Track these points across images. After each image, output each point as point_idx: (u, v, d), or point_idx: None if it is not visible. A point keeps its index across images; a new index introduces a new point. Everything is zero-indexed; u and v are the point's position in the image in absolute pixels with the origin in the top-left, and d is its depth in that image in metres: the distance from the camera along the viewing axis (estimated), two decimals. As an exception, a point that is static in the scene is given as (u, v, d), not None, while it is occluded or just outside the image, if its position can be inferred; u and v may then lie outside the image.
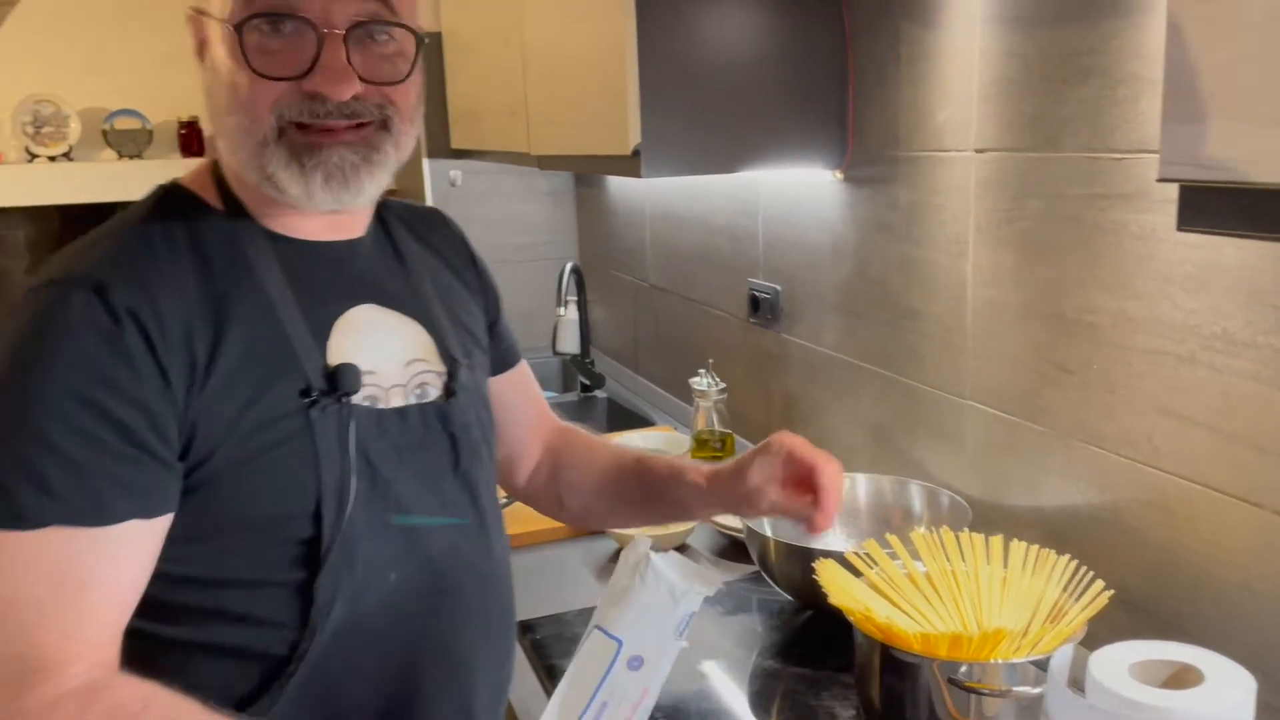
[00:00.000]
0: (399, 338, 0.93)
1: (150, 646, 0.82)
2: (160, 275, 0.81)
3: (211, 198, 0.88)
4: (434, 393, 0.93)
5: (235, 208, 0.88)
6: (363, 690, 0.87)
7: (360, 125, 0.84)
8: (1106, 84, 1.04)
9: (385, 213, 1.00)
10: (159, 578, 0.81)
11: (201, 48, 0.88)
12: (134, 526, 0.78)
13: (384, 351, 0.91)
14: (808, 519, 0.95)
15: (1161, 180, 0.58)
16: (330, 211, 0.88)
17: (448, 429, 0.92)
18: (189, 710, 0.75)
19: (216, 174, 0.89)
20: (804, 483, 0.95)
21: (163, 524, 0.80)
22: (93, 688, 0.75)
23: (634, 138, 1.41)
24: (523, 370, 1.18)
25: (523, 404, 1.16)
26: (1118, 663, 0.73)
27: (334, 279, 0.91)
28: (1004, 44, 1.17)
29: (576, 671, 0.89)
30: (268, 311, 0.85)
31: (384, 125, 0.86)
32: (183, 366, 0.79)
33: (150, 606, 0.81)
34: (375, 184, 0.87)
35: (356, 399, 0.86)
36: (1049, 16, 1.11)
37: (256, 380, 0.82)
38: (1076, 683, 0.74)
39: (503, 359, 1.12)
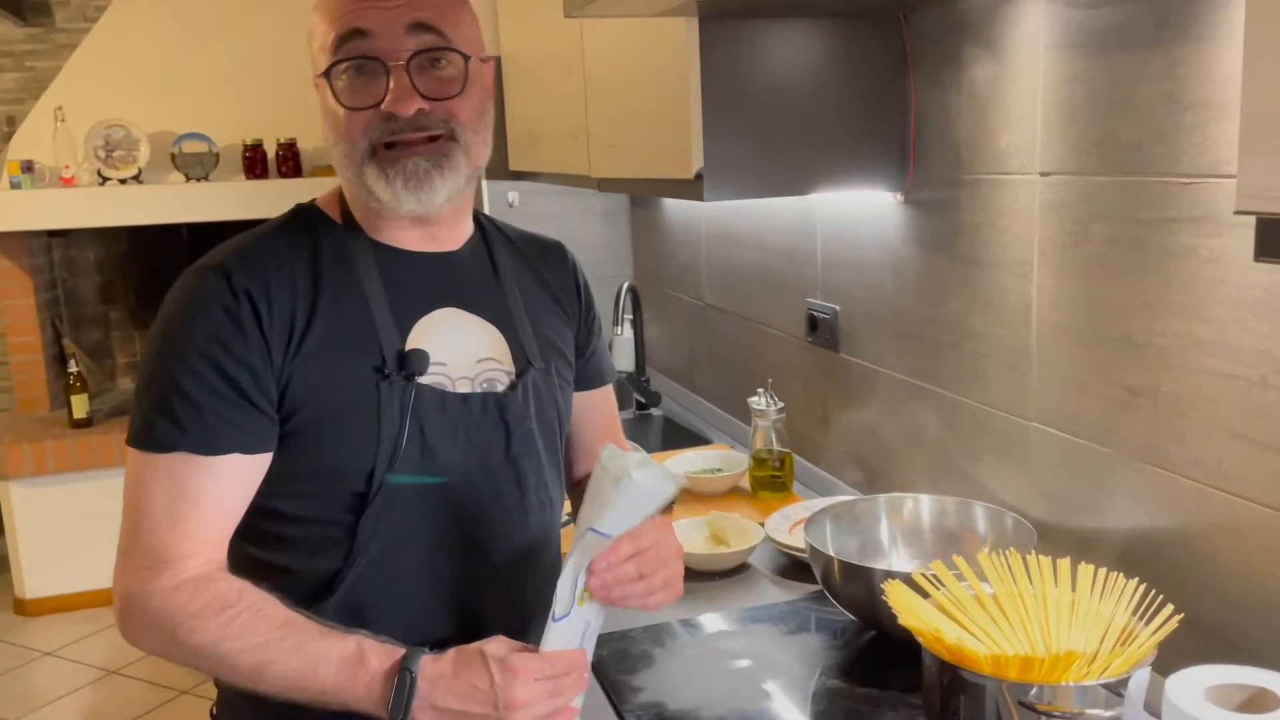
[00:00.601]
0: (475, 338, 1.10)
1: (235, 559, 1.02)
2: (277, 268, 1.02)
3: (335, 214, 1.09)
4: (500, 388, 1.10)
5: (351, 223, 1.08)
6: (385, 621, 1.01)
7: (432, 138, 1.01)
8: (1174, 109, 1.04)
9: (491, 234, 1.18)
10: (252, 506, 1.02)
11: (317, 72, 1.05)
12: (237, 459, 0.99)
13: (459, 347, 1.08)
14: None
15: (1239, 213, 0.59)
16: (425, 224, 1.07)
17: (504, 417, 1.08)
18: (272, 602, 0.97)
19: (341, 196, 1.10)
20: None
21: (262, 461, 1.01)
22: (204, 579, 0.97)
23: (696, 162, 1.43)
24: (606, 393, 1.32)
25: (596, 418, 1.30)
26: (1194, 686, 0.73)
27: (425, 283, 1.08)
28: (1068, 70, 1.18)
29: (576, 565, 0.98)
30: (360, 303, 1.04)
31: (451, 136, 1.02)
32: (282, 338, 1.00)
33: (241, 527, 1.02)
34: (447, 186, 1.03)
35: (423, 380, 1.04)
36: (1115, 43, 1.12)
37: (339, 355, 1.02)
38: (1151, 707, 0.75)
39: (590, 378, 1.28)
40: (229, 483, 0.99)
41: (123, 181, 3.70)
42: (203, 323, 0.99)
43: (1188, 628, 1.01)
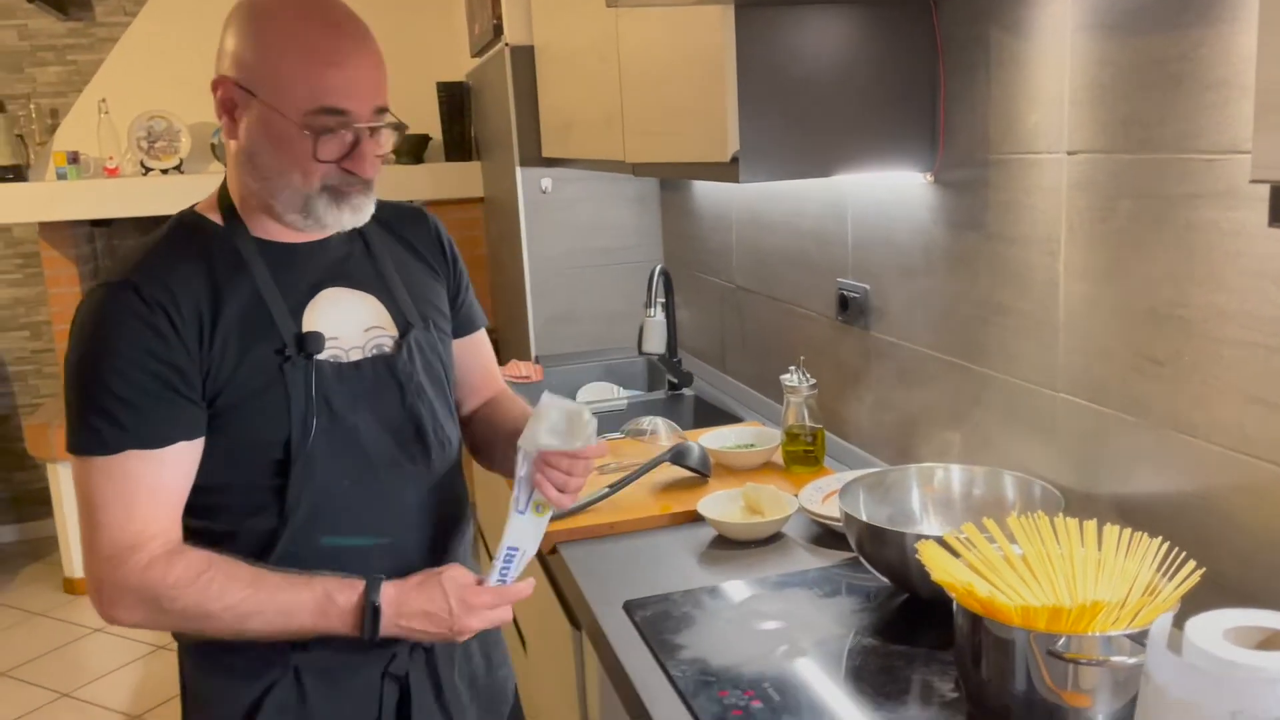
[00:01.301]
0: (359, 310, 1.25)
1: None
2: (175, 274, 1.14)
3: (216, 218, 1.21)
4: (388, 350, 1.25)
5: (233, 224, 1.20)
6: (325, 567, 1.17)
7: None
8: (1196, 89, 1.09)
9: None
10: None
11: (234, 111, 1.15)
12: (180, 447, 1.13)
13: (347, 321, 1.23)
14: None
15: (1254, 181, 0.64)
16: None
17: (395, 376, 1.25)
18: (236, 563, 1.13)
19: (223, 200, 1.22)
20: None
21: (199, 444, 1.15)
22: (170, 554, 1.12)
23: (733, 145, 1.48)
24: (481, 336, 1.48)
25: (475, 360, 1.47)
26: (1212, 627, 0.79)
27: (307, 269, 1.23)
28: (1095, 52, 1.23)
29: (529, 474, 1.23)
30: (254, 294, 1.17)
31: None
32: (194, 335, 1.13)
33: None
34: (371, 209, 1.22)
35: (321, 357, 1.19)
36: (1140, 25, 1.16)
37: (245, 343, 1.15)
38: (1174, 649, 0.80)
39: (464, 326, 1.43)
40: (175, 469, 1.14)
41: (164, 172, 3.79)
42: (125, 334, 1.10)
43: (1208, 584, 1.06)
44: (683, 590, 1.42)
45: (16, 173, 3.75)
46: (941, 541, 1.13)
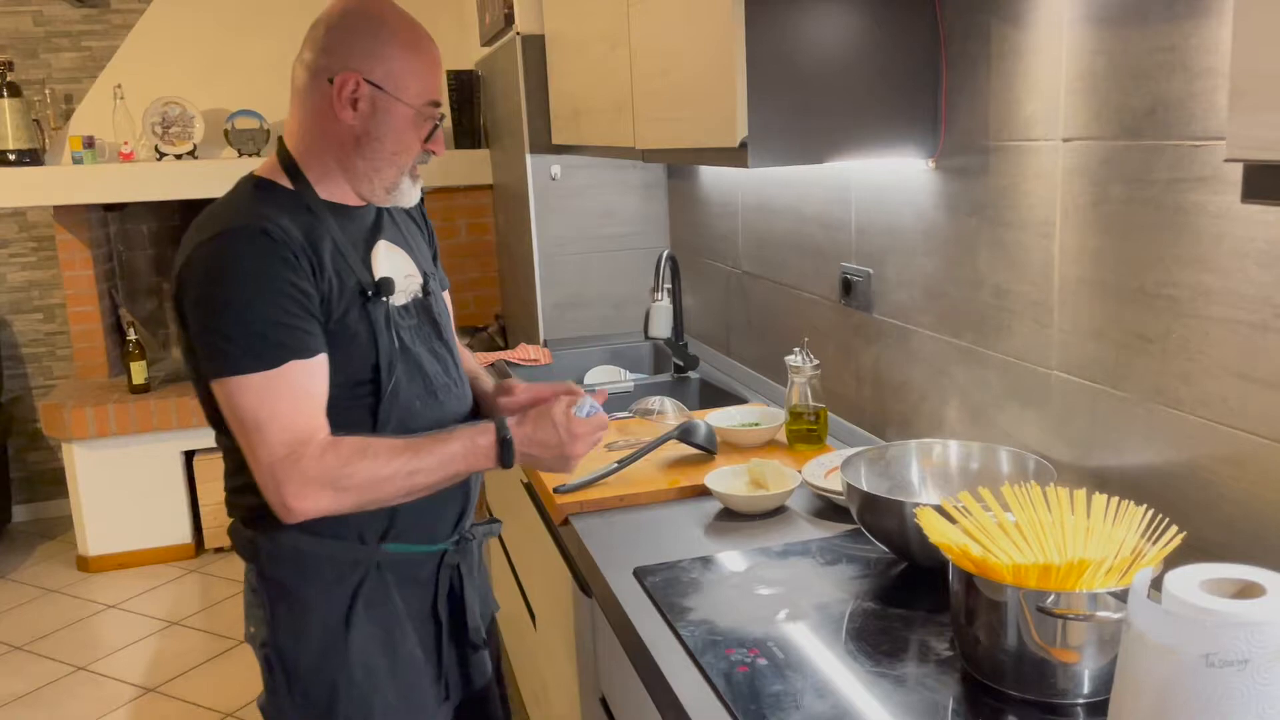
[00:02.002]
0: (400, 260, 1.50)
1: None
2: (282, 220, 1.33)
3: (284, 181, 1.41)
4: (419, 294, 1.51)
5: (301, 185, 1.41)
6: None
7: None
8: (1186, 78, 1.14)
9: None
10: None
11: (356, 103, 1.37)
12: (323, 357, 1.34)
13: (396, 270, 1.47)
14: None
15: (1228, 160, 0.70)
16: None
17: (431, 315, 1.52)
18: (383, 439, 1.35)
19: (287, 165, 1.42)
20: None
21: (326, 357, 1.35)
22: (332, 441, 1.32)
23: (741, 130, 1.54)
24: (448, 296, 1.67)
25: (450, 314, 1.68)
26: (1190, 578, 0.84)
27: (360, 225, 1.46)
28: (1090, 42, 1.28)
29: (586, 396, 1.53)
30: (333, 244, 1.39)
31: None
32: (310, 269, 1.33)
33: None
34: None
35: (390, 299, 1.43)
36: (1132, 17, 1.21)
37: (339, 282, 1.37)
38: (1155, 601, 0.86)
39: (441, 284, 1.64)
40: (321, 375, 1.35)
41: (178, 157, 3.85)
42: (267, 267, 1.30)
43: (1191, 549, 1.12)
44: (690, 558, 1.48)
45: (33, 157, 3.81)
46: (939, 509, 1.19)
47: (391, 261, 1.48)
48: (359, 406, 1.40)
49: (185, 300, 1.32)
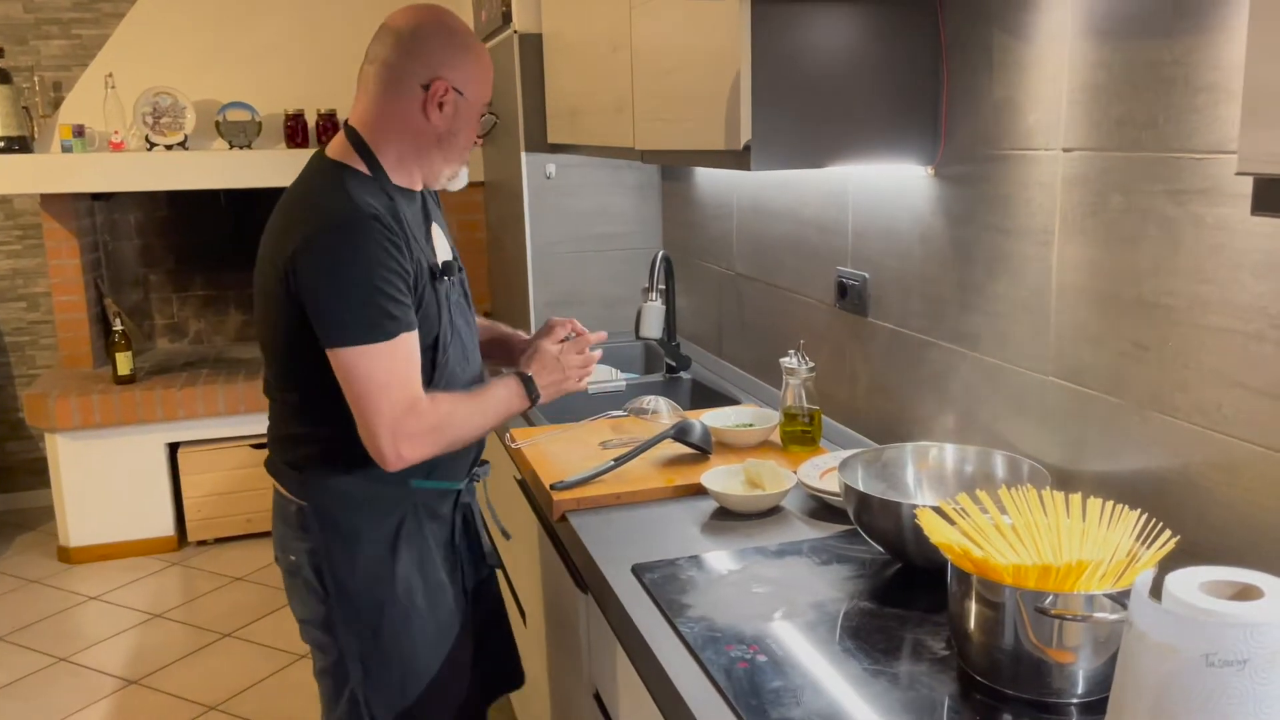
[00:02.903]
0: (444, 241, 1.73)
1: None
2: (379, 208, 1.54)
3: (361, 168, 1.61)
4: (459, 274, 1.74)
5: (376, 171, 1.61)
6: None
7: None
8: (1187, 92, 1.17)
9: None
10: None
11: (441, 105, 1.61)
12: (417, 329, 1.56)
13: (444, 249, 1.71)
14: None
15: (1239, 174, 0.72)
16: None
17: (465, 294, 1.77)
18: (451, 394, 1.63)
19: (362, 152, 1.61)
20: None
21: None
22: (432, 398, 1.57)
23: (745, 134, 1.55)
24: None
25: None
26: (1190, 580, 0.86)
27: (419, 208, 1.69)
28: (1092, 55, 1.30)
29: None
30: (410, 226, 1.59)
31: None
32: (407, 253, 1.55)
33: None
34: None
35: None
36: (1135, 31, 1.24)
37: (418, 264, 1.58)
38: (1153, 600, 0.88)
39: None
40: (418, 343, 1.57)
41: (169, 147, 3.83)
42: (383, 251, 1.51)
43: (1185, 554, 1.14)
44: (687, 556, 1.49)
45: (22, 144, 3.78)
46: (938, 510, 1.21)
47: (441, 243, 1.71)
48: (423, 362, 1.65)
49: (302, 281, 1.50)
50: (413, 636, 1.67)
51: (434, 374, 1.63)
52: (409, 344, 1.53)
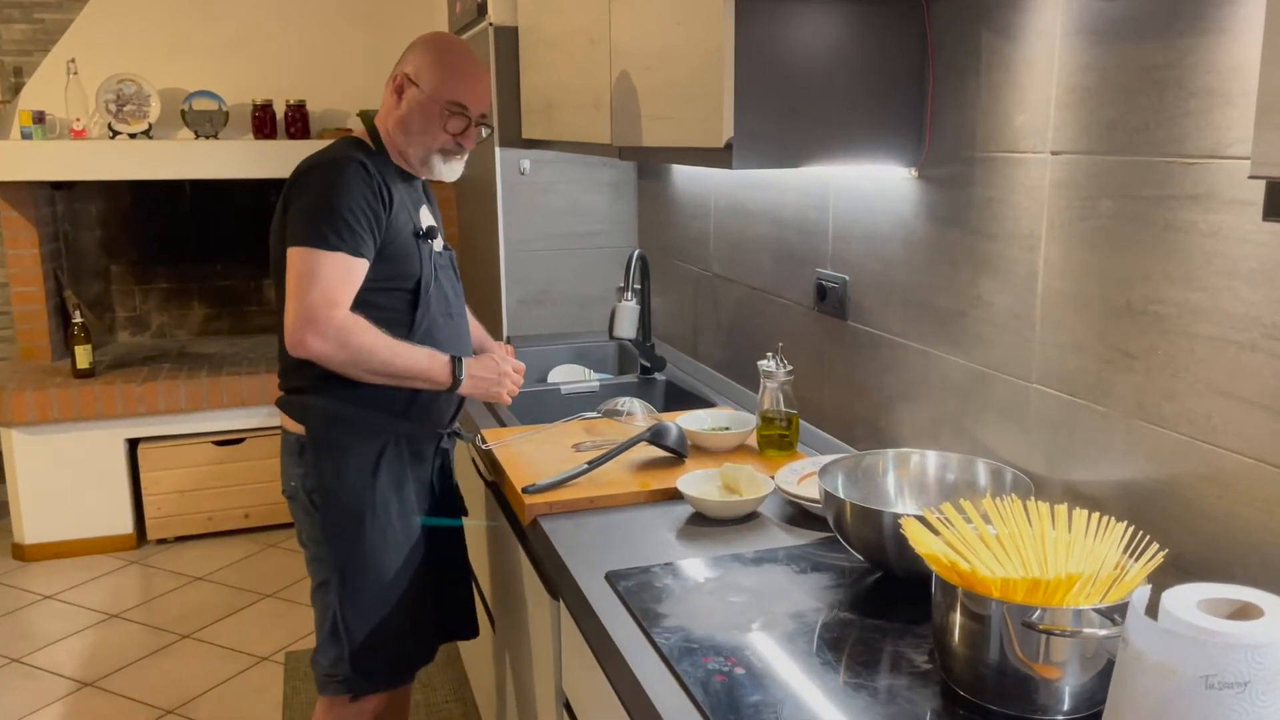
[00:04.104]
0: (435, 218, 2.02)
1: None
2: (372, 166, 1.84)
3: (369, 144, 1.93)
4: (448, 251, 2.03)
5: (381, 151, 1.93)
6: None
7: None
8: (1181, 96, 1.14)
9: None
10: (364, 295, 1.82)
11: (400, 91, 1.92)
12: (364, 263, 1.79)
13: (434, 225, 1.98)
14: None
15: (1253, 177, 0.69)
16: None
17: (453, 265, 2.04)
18: (382, 334, 1.81)
19: (373, 135, 1.95)
20: None
21: (367, 266, 1.81)
22: (354, 314, 1.77)
23: (727, 132, 1.52)
24: None
25: None
26: (1188, 598, 0.84)
27: (415, 190, 1.98)
28: (1083, 57, 1.28)
29: None
30: (401, 196, 1.89)
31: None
32: (386, 206, 1.83)
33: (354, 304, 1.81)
34: (460, 172, 2.00)
35: (432, 242, 1.95)
36: (1128, 33, 1.21)
37: (401, 221, 1.87)
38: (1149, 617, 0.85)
39: None
40: (358, 273, 1.79)
41: (132, 136, 3.73)
42: (358, 187, 1.79)
43: (1172, 567, 1.12)
44: (662, 563, 1.45)
45: (-21, 130, 3.67)
46: (921, 520, 1.18)
47: (431, 218, 1.99)
48: (404, 310, 1.88)
49: (291, 201, 1.79)
50: (388, 551, 1.90)
51: (415, 313, 1.87)
52: (349, 264, 1.76)
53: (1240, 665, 0.76)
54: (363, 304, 1.82)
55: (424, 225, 1.94)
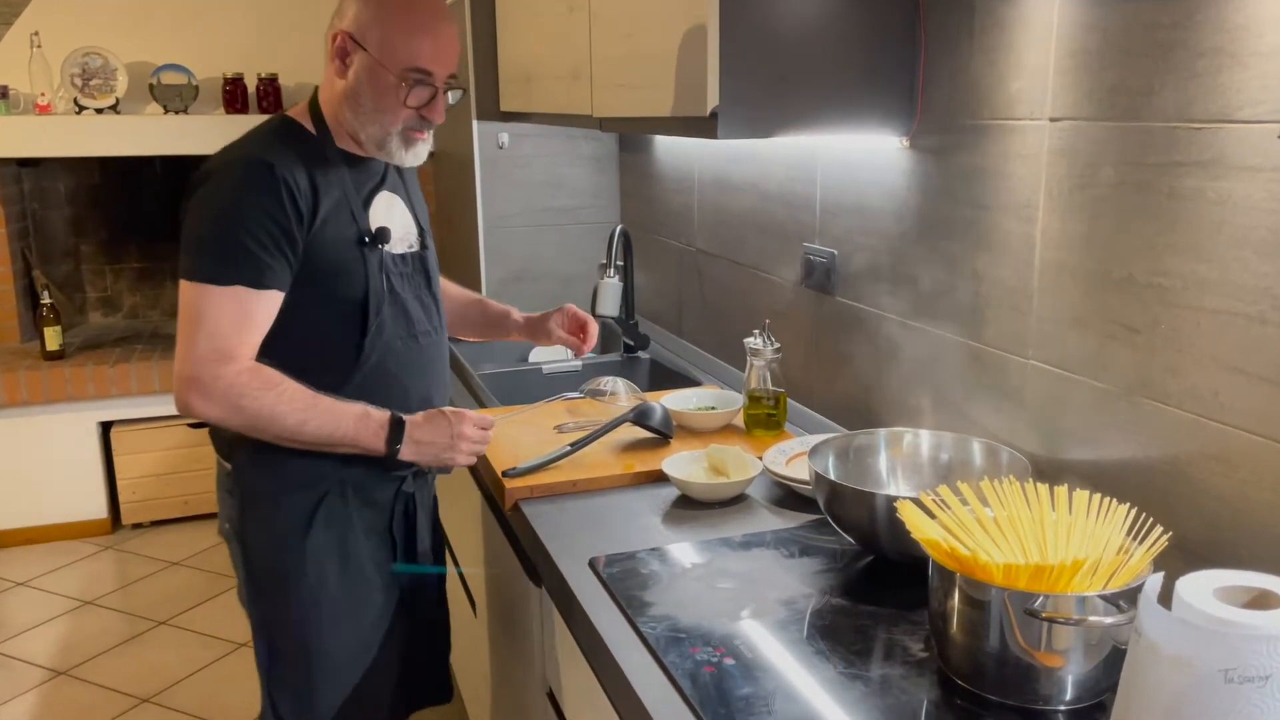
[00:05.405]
0: (400, 212, 1.64)
1: (272, 363, 1.46)
2: (294, 162, 1.47)
3: (309, 125, 1.55)
4: (417, 247, 1.65)
5: (324, 133, 1.55)
6: (380, 401, 1.54)
7: None
8: (1188, 57, 1.09)
9: None
10: (288, 328, 1.48)
11: (345, 58, 1.50)
12: (274, 294, 1.45)
13: (394, 222, 1.60)
14: (575, 347, 1.89)
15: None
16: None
17: (424, 267, 1.65)
18: (300, 386, 1.45)
19: (314, 112, 1.55)
20: (577, 329, 1.89)
21: (281, 297, 1.46)
22: (255, 368, 1.44)
23: (712, 100, 1.46)
24: None
25: None
26: (1203, 586, 0.79)
27: (370, 175, 1.59)
28: (1083, 17, 1.22)
29: None
30: (340, 192, 1.52)
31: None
32: (305, 212, 1.45)
33: (274, 340, 1.47)
34: (427, 154, 1.59)
35: (387, 247, 1.56)
36: (1132, -9, 1.16)
37: (336, 227, 1.50)
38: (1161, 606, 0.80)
39: None
40: (267, 309, 1.45)
41: (99, 111, 3.63)
42: (259, 198, 1.42)
43: (1176, 551, 1.07)
44: (648, 548, 1.40)
45: (-61, 105, 3.56)
46: (917, 502, 1.13)
47: (390, 212, 1.60)
48: (348, 339, 1.53)
49: (184, 219, 1.46)
50: (320, 621, 1.58)
51: (364, 338, 1.53)
52: (249, 300, 1.42)
53: (1262, 658, 0.72)
54: (290, 336, 1.48)
55: (374, 226, 1.54)
